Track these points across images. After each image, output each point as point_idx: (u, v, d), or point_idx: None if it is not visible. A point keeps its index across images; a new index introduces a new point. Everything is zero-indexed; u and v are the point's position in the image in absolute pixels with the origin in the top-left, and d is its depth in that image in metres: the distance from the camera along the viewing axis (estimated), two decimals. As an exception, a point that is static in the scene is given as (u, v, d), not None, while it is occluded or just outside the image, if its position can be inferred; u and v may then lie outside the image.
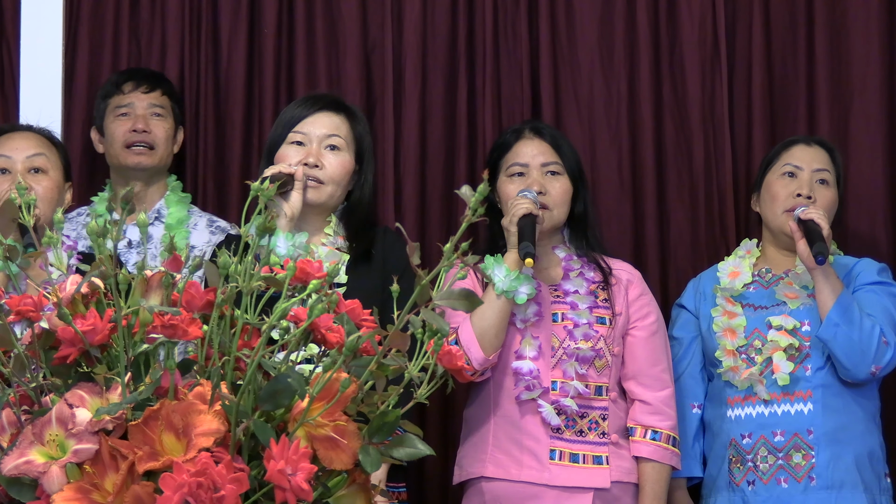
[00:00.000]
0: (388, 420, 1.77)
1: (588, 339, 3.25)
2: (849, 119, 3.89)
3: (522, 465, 3.21)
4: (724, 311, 3.45)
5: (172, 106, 3.72)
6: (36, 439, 1.69)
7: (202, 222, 3.68)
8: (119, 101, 3.67)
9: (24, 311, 1.78)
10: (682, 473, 3.42)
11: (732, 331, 3.42)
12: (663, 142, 3.91)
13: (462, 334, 3.14)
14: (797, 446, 3.32)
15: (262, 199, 1.80)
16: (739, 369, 3.38)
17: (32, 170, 3.25)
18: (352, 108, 3.30)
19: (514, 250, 3.16)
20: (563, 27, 3.94)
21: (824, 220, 3.31)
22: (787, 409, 3.35)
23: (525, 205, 3.18)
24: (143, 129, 3.63)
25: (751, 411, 3.37)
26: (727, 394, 3.40)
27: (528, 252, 3.07)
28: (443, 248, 1.74)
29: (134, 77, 3.72)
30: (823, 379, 3.35)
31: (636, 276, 3.43)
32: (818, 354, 3.36)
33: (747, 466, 3.35)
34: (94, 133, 3.74)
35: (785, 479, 3.31)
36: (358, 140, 3.25)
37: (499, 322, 3.16)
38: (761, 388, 3.35)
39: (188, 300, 1.81)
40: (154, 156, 3.65)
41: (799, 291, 3.43)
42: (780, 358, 3.36)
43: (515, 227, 3.16)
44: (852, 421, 3.35)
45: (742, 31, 3.95)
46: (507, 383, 3.24)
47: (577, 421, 3.23)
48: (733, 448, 3.37)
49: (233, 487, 1.60)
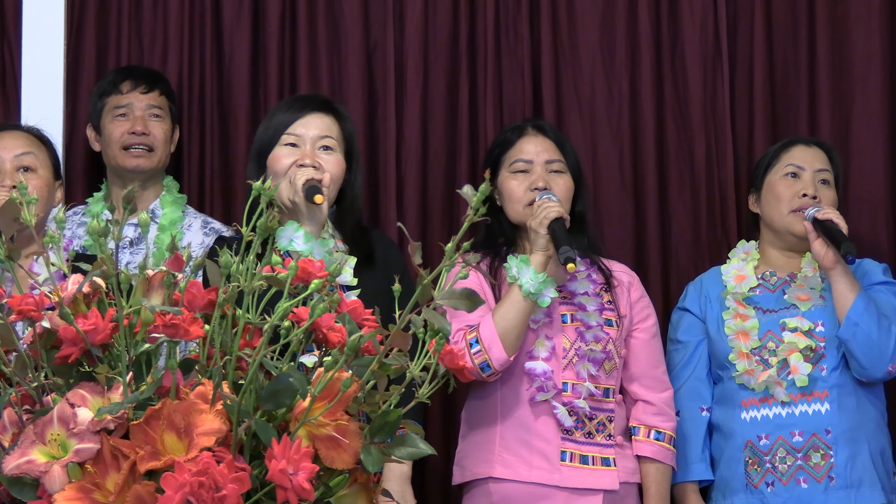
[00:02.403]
0: (389, 419, 1.77)
1: (599, 340, 3.25)
2: (850, 119, 3.89)
3: (532, 466, 3.20)
4: (735, 314, 3.44)
5: (170, 106, 3.69)
6: (37, 439, 1.69)
7: (196, 223, 3.65)
8: (117, 101, 3.63)
9: (26, 310, 1.78)
10: (695, 477, 3.41)
11: (746, 333, 3.41)
12: (665, 141, 3.91)
13: (483, 334, 3.12)
14: (816, 446, 3.32)
15: (265, 199, 1.79)
16: (756, 372, 3.37)
17: (21, 168, 3.23)
18: (340, 109, 3.30)
19: (541, 252, 3.13)
20: (565, 26, 3.93)
21: (842, 218, 3.31)
22: (804, 410, 3.34)
23: (556, 208, 3.16)
24: (143, 132, 3.59)
25: (767, 413, 3.36)
26: (740, 396, 3.39)
27: (570, 257, 3.03)
28: (444, 247, 1.74)
29: (132, 76, 3.67)
30: (838, 379, 3.35)
31: (635, 278, 3.43)
32: (833, 354, 3.36)
33: (765, 468, 3.34)
34: (90, 130, 3.70)
35: (804, 479, 3.31)
36: (347, 140, 3.25)
37: (521, 323, 3.15)
38: (780, 390, 3.34)
39: (190, 300, 1.81)
40: (152, 158, 3.61)
41: (810, 293, 3.43)
42: (797, 359, 3.35)
43: (545, 231, 3.14)
44: (865, 419, 3.36)
45: (743, 30, 3.95)
46: (517, 384, 3.23)
47: (586, 423, 3.23)
48: (750, 450, 3.36)
49: (234, 487, 1.60)
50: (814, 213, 3.35)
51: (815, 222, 3.33)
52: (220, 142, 3.91)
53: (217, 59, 3.93)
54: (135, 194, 1.85)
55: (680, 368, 3.47)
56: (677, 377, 3.46)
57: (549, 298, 3.13)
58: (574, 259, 3.04)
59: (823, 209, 3.35)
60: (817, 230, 3.32)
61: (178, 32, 3.92)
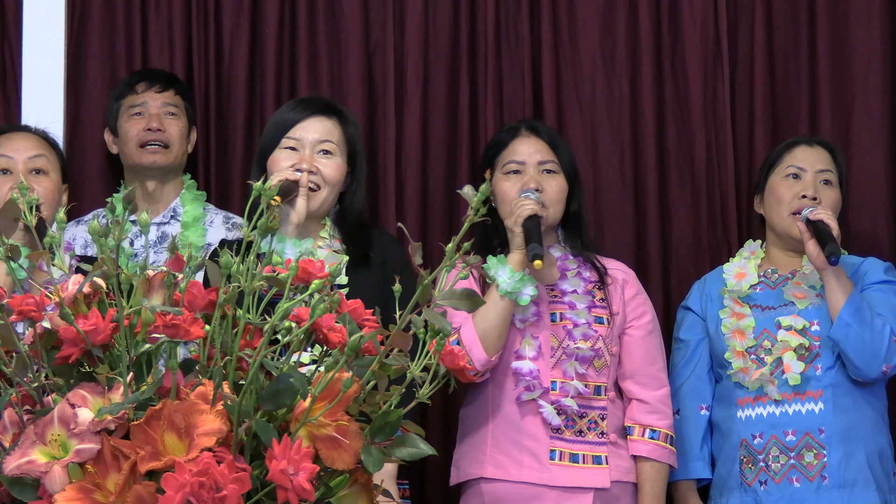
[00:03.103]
0: (390, 420, 1.77)
1: (587, 338, 3.25)
2: (851, 118, 3.89)
3: (522, 466, 3.21)
4: (732, 312, 3.45)
5: (185, 105, 3.73)
6: (38, 439, 1.69)
7: (218, 219, 3.68)
8: (132, 101, 3.67)
9: (27, 310, 1.78)
10: (693, 475, 3.42)
11: (741, 332, 3.41)
12: (665, 142, 3.91)
13: (464, 335, 3.14)
14: (809, 445, 3.32)
15: (265, 199, 1.80)
16: (750, 370, 3.37)
17: (34, 171, 3.25)
18: (343, 111, 3.30)
19: (518, 251, 3.15)
20: (565, 27, 3.94)
21: (833, 220, 3.31)
22: (798, 409, 3.34)
23: (530, 205, 3.18)
24: (158, 128, 3.63)
25: (761, 411, 3.37)
26: (737, 395, 3.40)
27: (537, 254, 3.05)
28: (444, 247, 1.75)
29: (147, 77, 3.72)
30: (833, 378, 3.35)
31: (631, 275, 3.43)
32: (828, 354, 3.36)
33: (759, 466, 3.34)
34: (108, 134, 3.74)
35: (797, 478, 3.31)
36: (350, 143, 3.26)
37: (501, 323, 3.16)
38: (772, 388, 3.35)
39: (190, 300, 1.81)
40: (169, 154, 3.65)
41: (807, 291, 3.43)
42: (790, 358, 3.35)
43: (520, 228, 3.15)
44: (862, 420, 3.35)
45: (744, 30, 3.95)
46: (506, 384, 3.24)
47: (576, 421, 3.23)
48: (744, 448, 3.37)
49: (235, 487, 1.60)
50: (807, 213, 3.36)
51: (807, 222, 3.33)
52: (217, 142, 3.91)
53: (216, 61, 3.93)
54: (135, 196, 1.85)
55: (681, 367, 3.48)
56: (678, 375, 3.47)
57: (528, 297, 3.14)
58: (541, 256, 3.05)
59: (816, 210, 3.35)
60: (810, 230, 3.32)
61: (179, 33, 3.92)
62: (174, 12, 3.93)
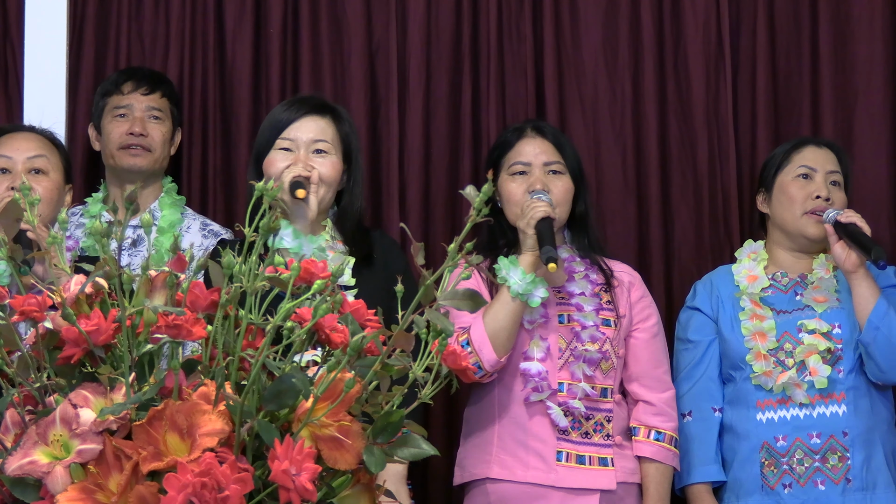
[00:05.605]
0: (392, 420, 1.77)
1: (595, 340, 3.25)
2: (853, 119, 3.89)
3: (528, 467, 3.21)
4: (752, 314, 3.42)
5: (171, 108, 3.71)
6: (40, 439, 1.69)
7: (195, 225, 3.65)
8: (118, 102, 3.65)
9: (29, 311, 1.78)
10: (709, 478, 3.40)
11: (763, 334, 3.40)
12: (667, 142, 3.91)
13: (474, 335, 3.13)
14: (833, 448, 3.32)
15: (267, 199, 1.79)
16: (773, 373, 3.36)
17: (33, 171, 3.24)
18: (337, 109, 3.30)
19: (530, 253, 3.14)
20: (568, 27, 3.94)
21: (864, 221, 3.30)
22: (822, 412, 3.34)
23: (542, 207, 3.17)
24: (140, 133, 3.61)
25: (785, 414, 3.35)
26: (756, 397, 3.38)
27: (552, 257, 3.04)
28: (447, 248, 1.74)
29: (134, 77, 3.69)
30: (854, 381, 3.36)
31: (637, 277, 3.43)
32: (850, 356, 3.36)
33: (782, 469, 3.33)
34: (92, 130, 3.73)
35: (822, 481, 3.30)
36: (344, 141, 3.26)
37: (511, 324, 3.15)
38: (799, 391, 3.34)
39: (192, 300, 1.81)
40: (150, 158, 3.63)
41: (826, 294, 3.42)
42: (816, 361, 3.34)
43: (533, 231, 3.14)
44: (878, 421, 3.37)
45: (746, 31, 3.95)
46: (514, 384, 3.23)
47: (582, 423, 3.23)
48: (766, 451, 3.36)
49: (237, 487, 1.60)
50: (834, 216, 3.34)
51: (836, 225, 3.31)
52: (221, 143, 3.91)
53: (219, 60, 3.93)
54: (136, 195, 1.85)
55: (691, 368, 3.46)
56: (689, 377, 3.45)
57: (539, 299, 3.14)
58: (556, 259, 3.03)
59: (845, 212, 3.34)
60: (839, 233, 3.30)
61: (181, 33, 3.93)
62: (176, 13, 3.93)
